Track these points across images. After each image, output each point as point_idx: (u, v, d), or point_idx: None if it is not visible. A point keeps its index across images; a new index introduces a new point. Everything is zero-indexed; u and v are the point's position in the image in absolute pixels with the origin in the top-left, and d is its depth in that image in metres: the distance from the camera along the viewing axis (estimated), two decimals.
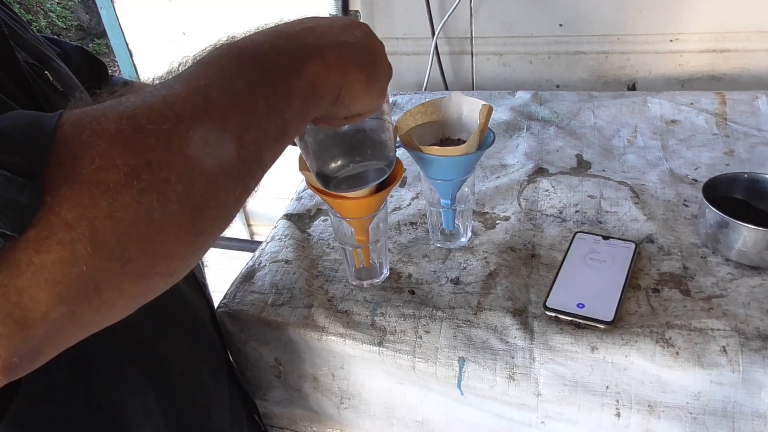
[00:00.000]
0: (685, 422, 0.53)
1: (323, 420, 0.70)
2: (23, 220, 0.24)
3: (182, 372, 0.54)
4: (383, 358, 0.60)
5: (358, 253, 0.64)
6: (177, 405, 0.52)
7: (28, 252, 0.24)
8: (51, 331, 0.26)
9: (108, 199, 0.26)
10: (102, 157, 0.26)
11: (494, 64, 1.20)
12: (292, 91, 0.34)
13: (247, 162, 0.32)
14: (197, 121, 0.29)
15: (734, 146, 0.84)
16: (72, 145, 0.26)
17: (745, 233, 0.59)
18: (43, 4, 5.31)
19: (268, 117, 0.33)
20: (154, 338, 0.51)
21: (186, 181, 0.28)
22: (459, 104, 0.65)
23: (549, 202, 0.76)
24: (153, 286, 0.30)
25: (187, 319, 0.57)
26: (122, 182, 0.26)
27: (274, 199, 1.57)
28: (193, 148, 0.29)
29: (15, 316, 0.24)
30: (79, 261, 0.25)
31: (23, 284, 0.24)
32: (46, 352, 0.27)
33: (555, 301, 0.59)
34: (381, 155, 0.49)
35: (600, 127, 0.93)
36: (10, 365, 0.25)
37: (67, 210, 0.25)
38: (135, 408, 0.48)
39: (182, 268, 0.31)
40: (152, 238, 0.27)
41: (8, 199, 0.24)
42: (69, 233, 0.25)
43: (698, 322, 0.55)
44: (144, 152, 0.27)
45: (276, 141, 0.34)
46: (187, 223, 0.29)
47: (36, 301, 0.24)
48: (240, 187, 0.32)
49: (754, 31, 1.03)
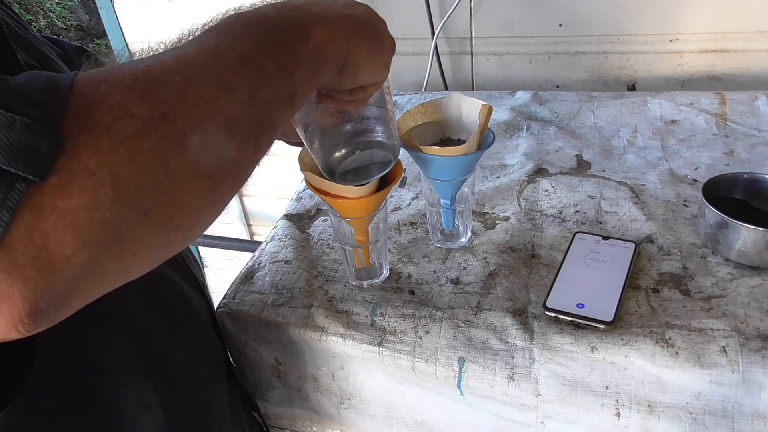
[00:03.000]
0: (685, 422, 0.53)
1: (323, 420, 0.70)
2: (44, 166, 0.25)
3: (182, 368, 0.54)
4: (383, 359, 0.60)
5: (358, 253, 0.64)
6: (176, 400, 0.52)
7: (51, 197, 0.25)
8: (75, 277, 0.26)
9: (126, 147, 0.27)
10: (119, 107, 0.27)
11: (494, 64, 1.20)
12: (299, 54, 0.35)
13: (259, 120, 0.33)
14: (209, 76, 0.30)
15: (734, 146, 0.84)
16: (88, 98, 0.27)
17: (744, 233, 0.59)
18: (42, 4, 5.31)
19: (278, 78, 0.34)
20: (153, 333, 0.51)
21: (200, 134, 0.29)
22: (459, 104, 0.65)
23: (549, 203, 0.76)
24: (172, 240, 0.31)
25: (186, 316, 0.58)
26: (140, 132, 0.27)
27: (274, 199, 1.57)
28: (206, 102, 0.30)
29: (41, 259, 0.25)
30: (101, 206, 0.26)
31: (48, 228, 0.25)
32: (70, 302, 0.27)
33: (555, 302, 0.59)
34: (385, 143, 0.50)
35: (600, 128, 0.93)
36: (38, 310, 0.26)
37: (87, 157, 0.26)
38: (133, 401, 0.48)
39: (200, 223, 0.32)
40: (170, 188, 0.28)
41: (29, 145, 0.25)
42: (91, 179, 0.26)
43: (698, 322, 0.55)
44: (159, 104, 0.28)
45: (285, 103, 0.35)
46: (204, 176, 0.30)
47: (61, 244, 0.25)
48: (253, 145, 0.33)
49: (753, 31, 1.03)
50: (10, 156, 0.24)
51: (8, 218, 0.24)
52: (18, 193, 0.25)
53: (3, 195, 0.24)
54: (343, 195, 0.55)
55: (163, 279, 0.55)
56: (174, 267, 0.58)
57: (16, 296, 0.25)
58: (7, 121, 0.25)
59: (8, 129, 0.25)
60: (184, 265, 0.61)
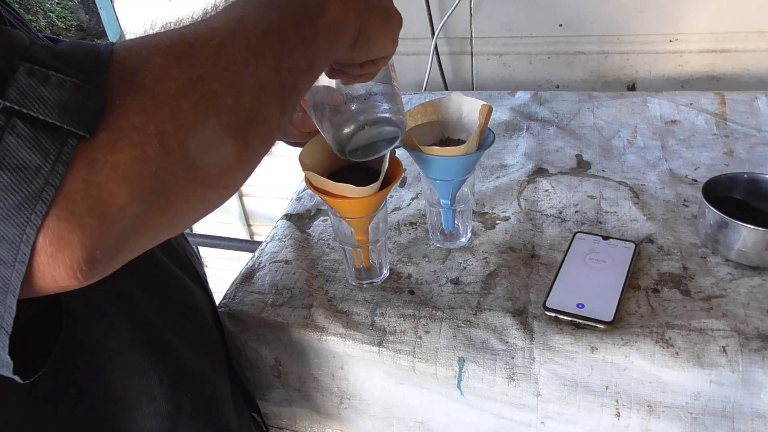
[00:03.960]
0: (685, 422, 0.53)
1: (323, 420, 0.70)
2: (93, 123, 0.27)
3: (185, 360, 0.55)
4: (383, 359, 0.60)
5: (358, 253, 0.64)
6: (181, 391, 0.53)
7: (103, 152, 0.27)
8: (127, 228, 0.29)
9: (169, 107, 0.29)
10: (160, 69, 0.30)
11: (494, 64, 1.20)
12: (317, 27, 0.38)
13: (284, 87, 0.35)
14: (239, 43, 0.33)
15: (734, 146, 0.84)
16: (130, 62, 0.29)
17: (744, 233, 0.59)
18: (42, 4, 5.31)
19: (298, 48, 0.36)
20: (157, 324, 0.51)
21: (234, 95, 0.32)
22: (459, 104, 0.65)
23: (549, 203, 0.76)
24: (209, 198, 0.33)
25: (189, 310, 0.58)
26: (180, 92, 0.30)
27: (274, 199, 1.57)
28: (238, 66, 0.32)
29: (97, 209, 0.27)
30: (149, 161, 0.28)
31: (102, 180, 0.27)
32: (121, 252, 0.30)
33: (555, 302, 0.59)
34: (392, 119, 0.52)
35: (600, 128, 0.93)
36: (94, 258, 0.28)
37: (134, 115, 0.28)
38: (137, 390, 0.49)
39: (234, 182, 0.35)
40: (208, 146, 0.31)
41: (79, 104, 0.27)
42: (138, 135, 0.28)
43: (698, 322, 0.55)
44: (196, 67, 0.31)
45: (305, 72, 0.38)
46: (240, 135, 0.33)
47: (114, 196, 0.27)
48: (280, 109, 0.36)
49: (753, 32, 1.03)
50: (62, 114, 0.27)
51: (63, 171, 0.26)
52: (71, 148, 0.27)
53: (57, 150, 0.26)
54: (344, 195, 0.55)
55: (166, 272, 0.55)
56: (177, 261, 0.58)
57: (75, 243, 0.27)
58: (58, 81, 0.27)
59: (59, 89, 0.27)
60: (186, 260, 0.61)
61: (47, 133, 0.26)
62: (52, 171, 0.26)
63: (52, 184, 0.26)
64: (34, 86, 0.26)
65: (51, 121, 0.26)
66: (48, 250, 0.27)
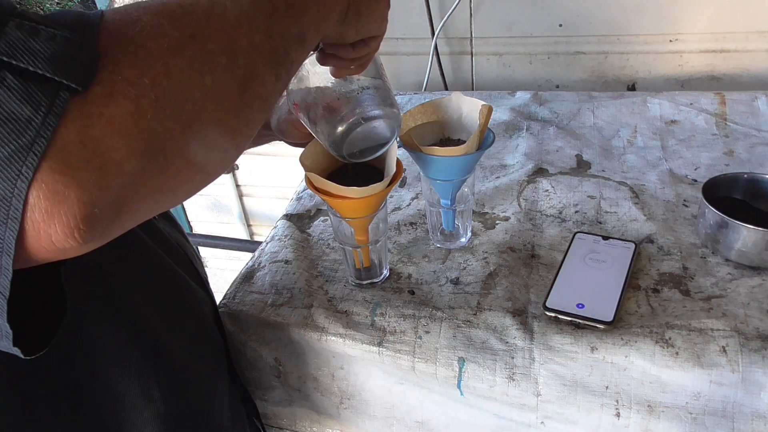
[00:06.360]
0: (685, 422, 0.54)
1: (323, 420, 0.70)
2: (86, 76, 0.27)
3: (184, 362, 0.54)
4: (383, 359, 0.60)
5: (358, 253, 0.64)
6: (178, 393, 0.53)
7: (97, 105, 0.27)
8: (126, 185, 0.28)
9: (163, 62, 0.29)
10: (151, 27, 0.30)
11: (494, 64, 1.20)
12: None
13: (278, 51, 0.36)
14: (230, 5, 0.33)
15: (734, 146, 0.84)
16: (120, 21, 0.29)
17: (744, 233, 0.59)
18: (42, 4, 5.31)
19: (288, 16, 0.37)
20: (156, 325, 0.51)
21: (228, 55, 0.32)
22: (459, 104, 0.65)
23: (549, 203, 0.76)
24: (210, 161, 0.33)
25: (189, 311, 0.58)
26: (173, 48, 0.30)
27: (274, 199, 1.57)
28: (230, 27, 0.33)
29: (94, 162, 0.27)
30: (144, 114, 0.28)
31: (97, 133, 0.27)
32: (121, 213, 0.29)
33: (555, 302, 0.59)
34: (386, 113, 0.52)
35: (600, 128, 0.93)
36: (92, 215, 0.27)
37: (128, 70, 0.28)
38: (136, 392, 0.48)
39: (233, 146, 0.34)
40: (206, 104, 0.31)
41: (70, 56, 0.27)
42: (133, 89, 0.28)
43: (698, 322, 0.55)
44: (187, 26, 0.31)
45: (297, 42, 0.38)
46: (235, 94, 0.33)
47: (111, 149, 0.27)
48: (274, 73, 0.36)
49: (753, 32, 1.03)
50: (53, 65, 0.26)
51: (55, 123, 0.26)
52: (63, 100, 0.26)
53: (49, 102, 0.26)
54: (344, 195, 0.55)
55: (167, 272, 0.55)
56: (179, 261, 0.58)
57: (72, 198, 0.26)
58: (48, 34, 0.27)
59: (50, 41, 0.26)
60: (188, 260, 0.61)
61: (38, 85, 0.26)
62: (44, 123, 0.26)
63: (44, 136, 0.26)
64: (23, 38, 0.26)
65: (42, 72, 0.26)
66: (42, 205, 0.26)
